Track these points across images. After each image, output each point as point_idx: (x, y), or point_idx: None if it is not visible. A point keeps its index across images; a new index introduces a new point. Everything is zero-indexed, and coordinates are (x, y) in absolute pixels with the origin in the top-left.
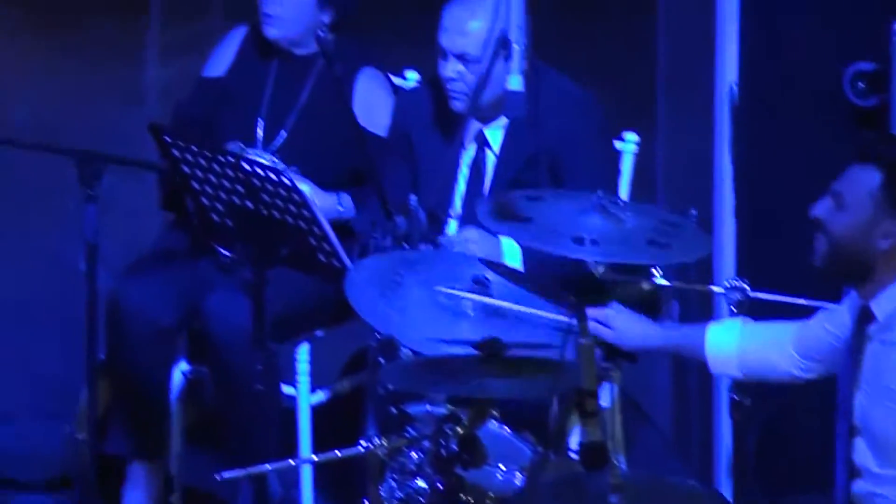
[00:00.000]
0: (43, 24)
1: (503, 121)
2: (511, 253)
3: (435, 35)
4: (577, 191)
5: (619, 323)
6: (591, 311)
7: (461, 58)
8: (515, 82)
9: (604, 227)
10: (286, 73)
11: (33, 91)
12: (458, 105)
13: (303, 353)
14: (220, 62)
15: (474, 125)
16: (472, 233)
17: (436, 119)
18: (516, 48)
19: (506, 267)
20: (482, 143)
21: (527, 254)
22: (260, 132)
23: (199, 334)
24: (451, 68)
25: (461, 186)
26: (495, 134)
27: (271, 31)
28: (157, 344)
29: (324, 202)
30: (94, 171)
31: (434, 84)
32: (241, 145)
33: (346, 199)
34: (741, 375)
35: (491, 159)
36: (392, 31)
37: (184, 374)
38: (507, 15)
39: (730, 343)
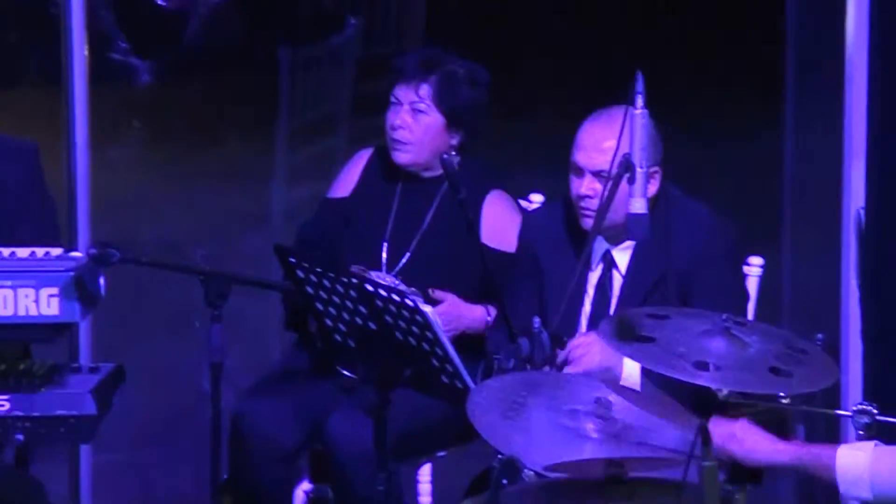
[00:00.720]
0: (173, 145)
1: (631, 242)
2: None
3: (566, 156)
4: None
5: (747, 437)
6: (719, 426)
7: (597, 175)
8: (639, 205)
9: (728, 352)
10: (411, 195)
11: (162, 209)
12: (590, 223)
13: (425, 473)
14: (345, 184)
15: (602, 246)
16: (593, 337)
17: (563, 239)
18: (640, 171)
19: (628, 389)
20: (609, 263)
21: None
22: (384, 255)
23: (321, 454)
24: (586, 185)
25: (587, 307)
26: (622, 255)
27: (401, 158)
28: (280, 464)
29: (472, 313)
30: (219, 290)
31: (562, 203)
32: (364, 267)
33: (493, 310)
34: (871, 497)
35: (618, 280)
36: (517, 154)
37: (306, 493)
38: (631, 138)
39: (861, 464)
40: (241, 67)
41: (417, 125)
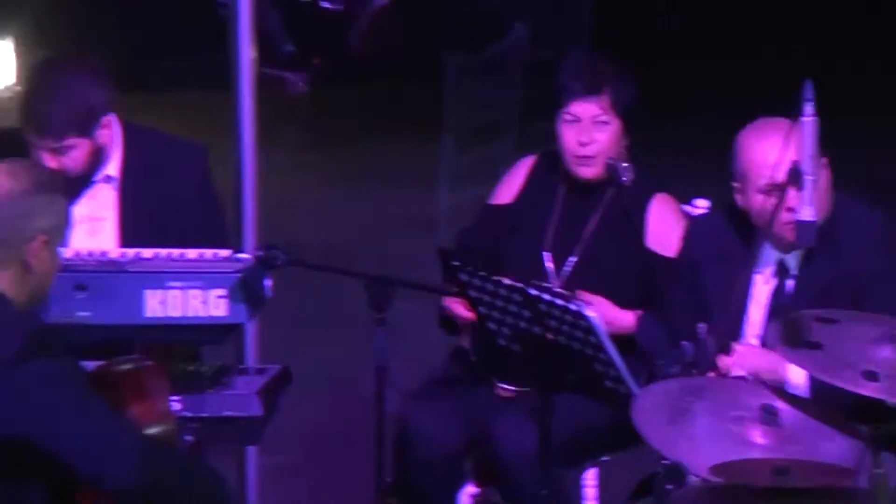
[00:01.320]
0: (339, 148)
1: (801, 250)
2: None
3: (729, 166)
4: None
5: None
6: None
7: (767, 187)
8: (807, 212)
9: None
10: (574, 200)
11: (327, 212)
12: (760, 234)
13: (590, 477)
14: (508, 190)
15: (772, 253)
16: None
17: (728, 246)
18: (808, 178)
19: (795, 396)
20: (783, 272)
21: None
22: (548, 263)
23: (486, 457)
24: (753, 198)
25: (754, 314)
26: (791, 262)
27: (589, 172)
28: (445, 467)
29: (621, 319)
30: (383, 294)
31: (728, 211)
32: (527, 272)
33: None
34: None
35: (787, 287)
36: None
37: (472, 497)
38: (800, 146)
39: None
40: (407, 71)
41: (603, 137)
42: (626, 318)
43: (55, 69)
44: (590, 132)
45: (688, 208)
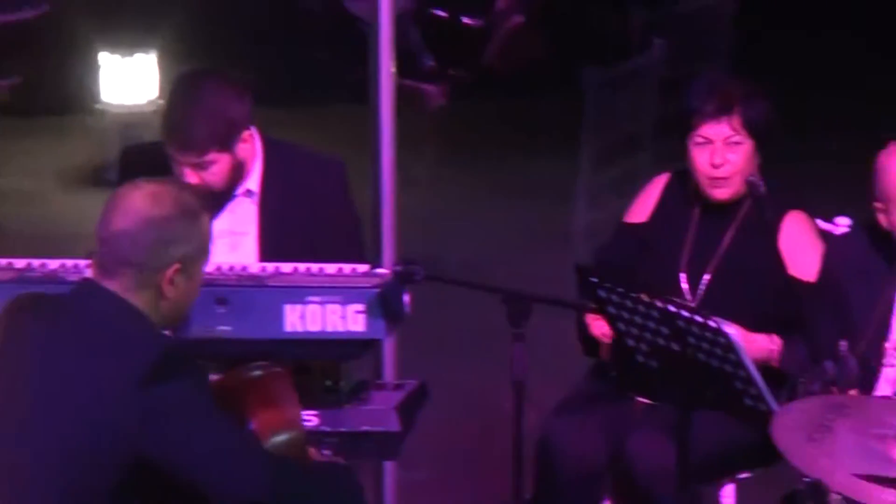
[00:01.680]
0: (476, 162)
1: None
2: None
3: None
4: None
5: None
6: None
7: None
8: None
9: None
10: (708, 219)
11: (465, 228)
12: None
13: (727, 494)
14: (643, 209)
15: None
16: None
17: (871, 265)
18: None
19: None
20: None
21: None
22: (683, 284)
23: (622, 474)
24: None
25: None
26: None
27: (723, 194)
28: (585, 484)
29: (755, 344)
30: (522, 309)
31: (870, 230)
32: (663, 291)
33: (777, 340)
34: None
35: None
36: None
37: None
38: None
39: None
40: (545, 86)
41: (737, 158)
42: (760, 343)
43: (197, 83)
44: (722, 153)
45: (829, 226)
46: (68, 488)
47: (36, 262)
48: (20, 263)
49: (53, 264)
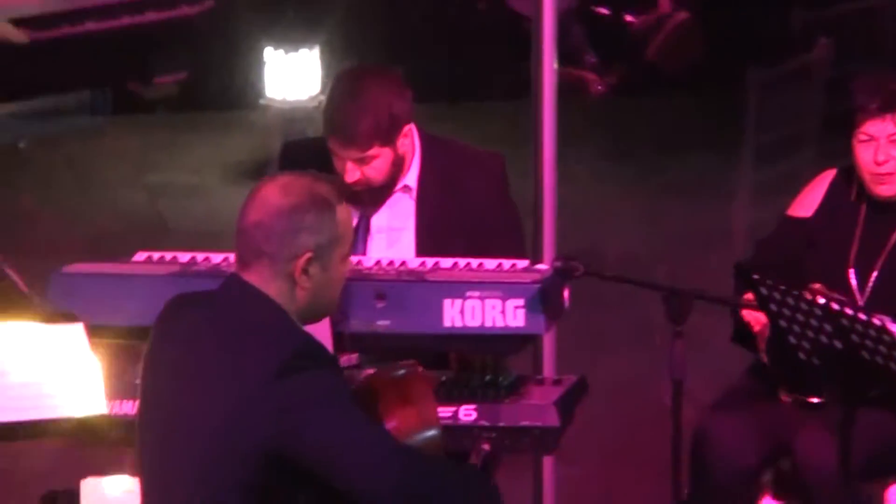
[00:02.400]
0: (636, 159)
1: None
2: None
3: None
4: None
5: None
6: None
7: None
8: None
9: None
10: (875, 216)
11: (625, 224)
12: None
13: (894, 494)
14: (808, 203)
15: None
16: None
17: None
18: None
19: None
20: None
21: None
22: (852, 280)
23: (785, 471)
24: None
25: None
26: None
27: (888, 191)
28: (743, 480)
29: None
30: (681, 306)
31: None
32: (823, 286)
33: None
34: None
35: None
36: None
37: None
38: None
39: None
40: (708, 84)
41: None
42: None
43: (359, 79)
44: (886, 150)
45: None
46: (205, 479)
47: (200, 257)
48: (184, 258)
49: (216, 258)
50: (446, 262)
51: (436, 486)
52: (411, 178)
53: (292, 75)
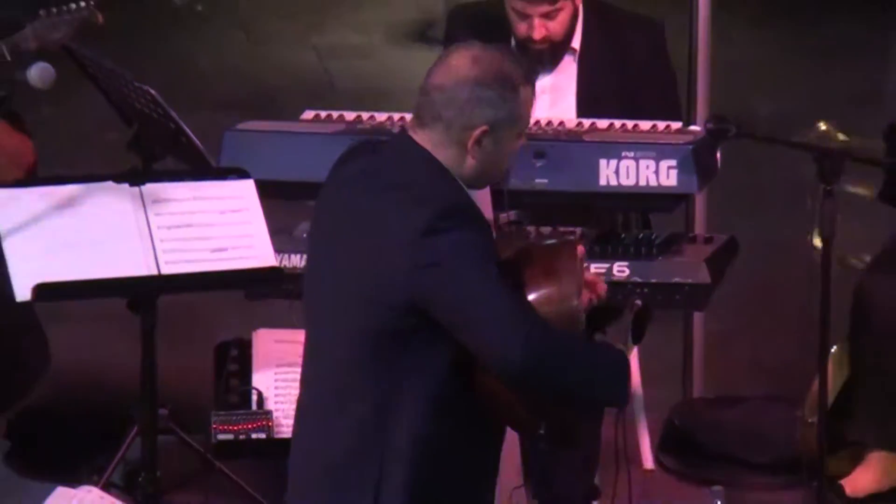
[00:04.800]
0: (790, 19)
1: None
2: None
3: None
4: None
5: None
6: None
7: None
8: None
9: None
10: None
11: (778, 85)
12: None
13: None
14: None
15: None
16: None
17: None
18: None
19: None
20: None
21: None
22: None
23: None
24: None
25: None
26: None
27: None
28: None
29: None
30: (832, 166)
31: None
32: None
33: None
34: None
35: None
36: None
37: None
38: None
39: None
40: None
41: None
42: None
43: None
44: None
45: None
46: (349, 326)
47: (365, 115)
48: (350, 116)
49: (381, 117)
50: (603, 123)
51: (563, 360)
52: (576, 40)
53: None
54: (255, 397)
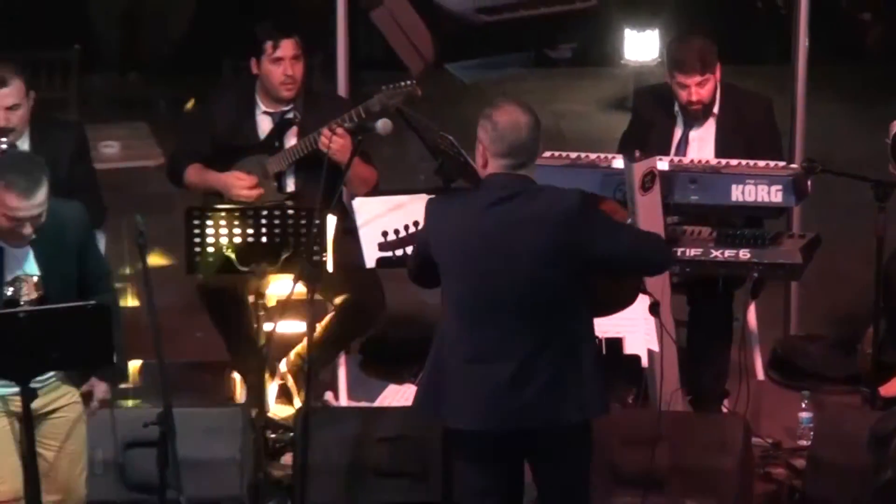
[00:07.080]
0: (853, 97)
1: None
2: None
3: None
4: None
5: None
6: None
7: None
8: None
9: None
10: None
11: (848, 141)
12: None
13: None
14: None
15: None
16: None
17: None
18: None
19: None
20: None
21: None
22: None
23: None
24: None
25: None
26: None
27: None
28: None
29: None
30: (884, 191)
31: None
32: None
33: None
34: None
35: None
36: None
37: None
38: None
39: None
40: None
41: None
42: None
43: (691, 35)
44: None
45: None
46: (539, 282)
47: (583, 155)
48: (572, 155)
49: (592, 156)
50: (734, 161)
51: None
52: (716, 107)
53: (642, 45)
54: None
